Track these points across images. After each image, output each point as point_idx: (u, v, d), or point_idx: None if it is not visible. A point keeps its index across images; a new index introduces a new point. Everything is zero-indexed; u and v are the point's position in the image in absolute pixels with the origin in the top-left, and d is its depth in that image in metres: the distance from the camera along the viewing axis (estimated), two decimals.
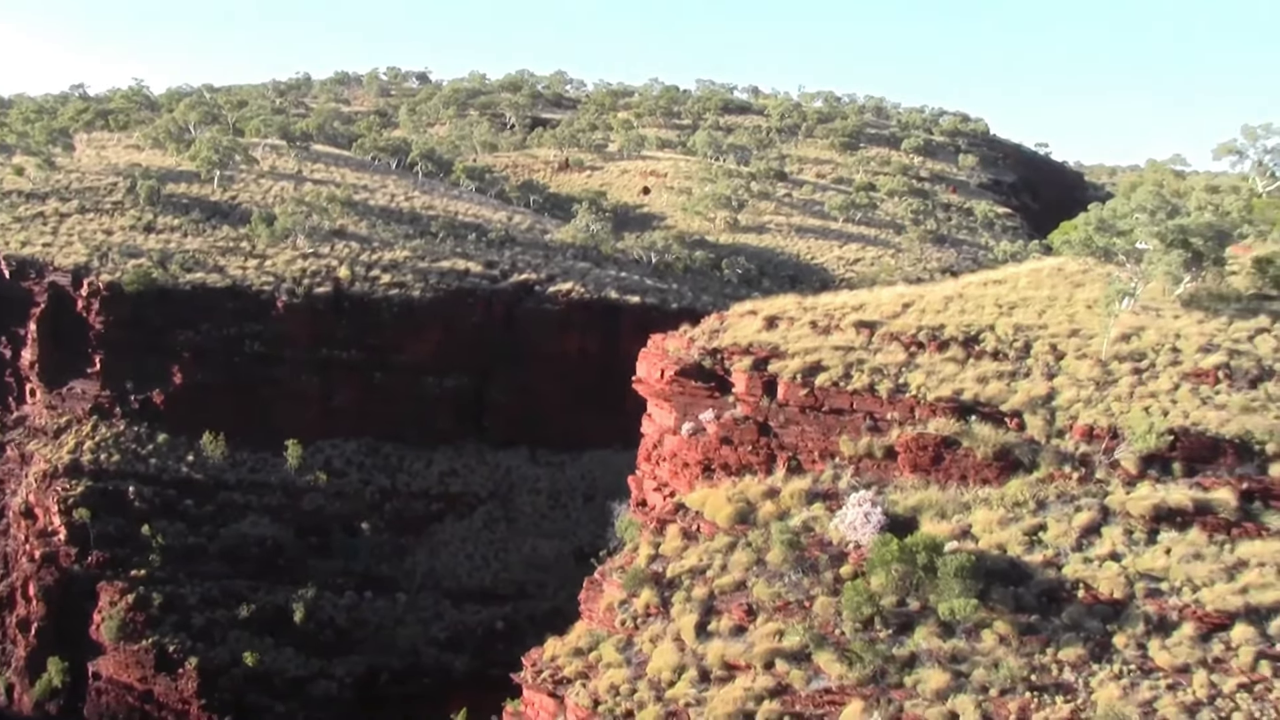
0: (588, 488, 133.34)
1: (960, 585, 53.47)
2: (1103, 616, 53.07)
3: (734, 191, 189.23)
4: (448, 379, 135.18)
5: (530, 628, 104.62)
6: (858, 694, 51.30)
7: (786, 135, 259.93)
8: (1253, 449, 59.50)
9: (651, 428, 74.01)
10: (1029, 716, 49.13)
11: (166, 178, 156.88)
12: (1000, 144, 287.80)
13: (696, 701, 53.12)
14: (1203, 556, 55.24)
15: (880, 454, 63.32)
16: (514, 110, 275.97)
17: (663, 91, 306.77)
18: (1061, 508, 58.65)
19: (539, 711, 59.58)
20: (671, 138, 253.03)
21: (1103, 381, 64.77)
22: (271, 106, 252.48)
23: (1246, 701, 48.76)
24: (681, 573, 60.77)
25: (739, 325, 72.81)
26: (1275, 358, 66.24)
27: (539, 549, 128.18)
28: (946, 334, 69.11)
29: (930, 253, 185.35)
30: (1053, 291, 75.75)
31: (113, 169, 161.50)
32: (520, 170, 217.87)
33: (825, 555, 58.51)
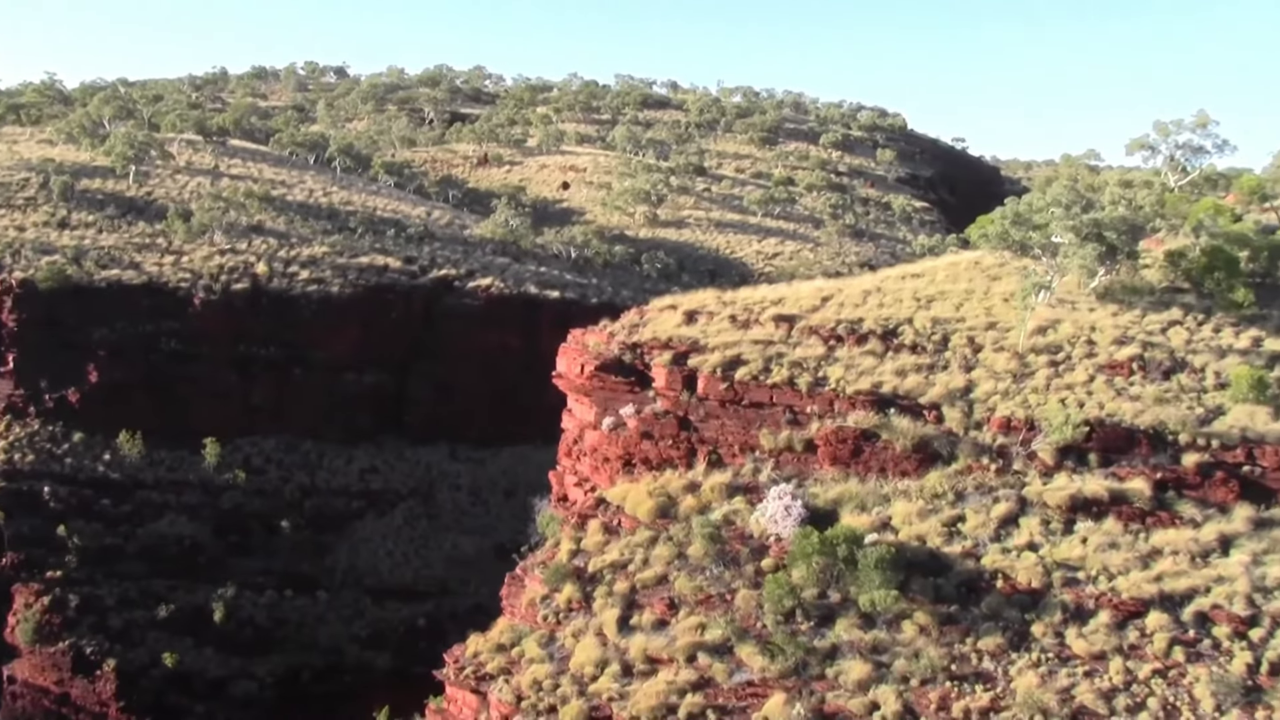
0: (509, 483, 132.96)
1: (880, 577, 53.84)
2: (1021, 606, 53.62)
3: (653, 186, 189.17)
4: (367, 375, 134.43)
5: (452, 624, 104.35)
6: (780, 686, 51.54)
7: (705, 130, 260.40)
8: (1166, 439, 60.37)
9: (572, 423, 73.99)
10: (949, 706, 49.55)
11: (81, 173, 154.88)
12: (918, 139, 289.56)
13: (620, 696, 53.19)
14: (1118, 545, 55.96)
15: (800, 447, 63.61)
16: (432, 105, 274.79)
17: (582, 87, 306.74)
18: (980, 499, 59.20)
19: (462, 708, 59.43)
20: (591, 133, 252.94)
21: (1020, 374, 65.42)
22: (187, 101, 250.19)
23: (1161, 687, 49.50)
24: (603, 567, 60.82)
25: (658, 320, 72.92)
26: (1188, 349, 67.17)
27: (460, 545, 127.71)
28: (865, 327, 69.54)
29: (849, 247, 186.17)
30: (970, 285, 76.37)
31: (25, 164, 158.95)
32: (439, 165, 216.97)
33: (746, 549, 58.75)
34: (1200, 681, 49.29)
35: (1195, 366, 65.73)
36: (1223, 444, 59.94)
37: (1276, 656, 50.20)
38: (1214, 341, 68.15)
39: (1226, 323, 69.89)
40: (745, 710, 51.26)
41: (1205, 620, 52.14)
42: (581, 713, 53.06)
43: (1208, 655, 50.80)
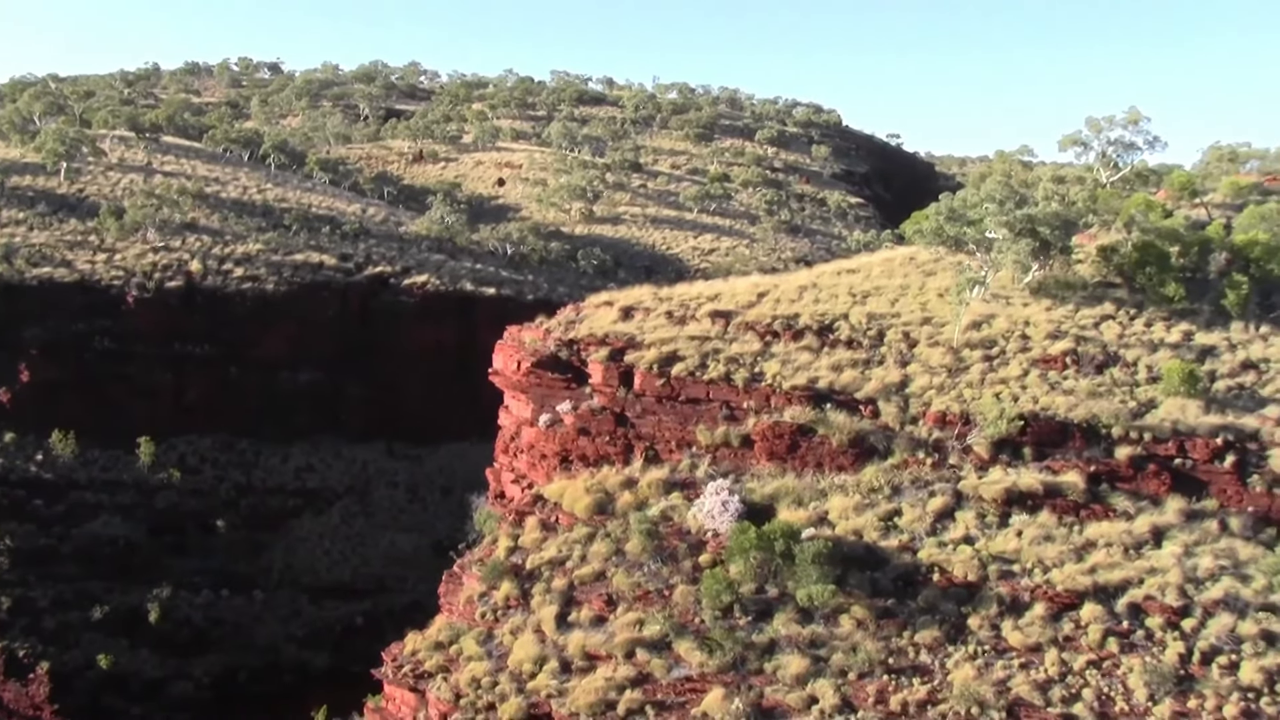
0: (446, 481, 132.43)
1: (818, 571, 54.02)
2: (957, 599, 53.98)
3: (589, 183, 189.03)
4: (303, 373, 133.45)
5: (390, 623, 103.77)
6: (718, 681, 51.64)
7: (641, 126, 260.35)
8: (1100, 432, 60.96)
9: (508, 420, 73.88)
10: (887, 699, 49.79)
11: (10, 170, 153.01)
12: (853, 135, 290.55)
13: (558, 693, 53.12)
14: (1053, 538, 56.44)
15: (737, 443, 63.76)
16: (368, 102, 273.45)
17: (517, 83, 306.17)
18: (916, 493, 59.52)
19: (400, 707, 59.20)
20: (526, 129, 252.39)
21: (955, 368, 65.82)
22: (119, 97, 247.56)
23: (1096, 678, 49.97)
24: (541, 564, 60.73)
25: (595, 316, 72.90)
26: (1120, 344, 67.82)
27: (397, 543, 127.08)
28: (801, 323, 69.75)
29: (784, 243, 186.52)
30: (905, 280, 76.77)
31: None
32: (374, 162, 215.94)
33: (684, 544, 58.81)
34: (1134, 672, 49.80)
35: (1127, 360, 66.40)
36: (1155, 437, 60.61)
37: (1208, 646, 50.86)
38: (1146, 336, 68.86)
39: (1158, 317, 70.67)
40: (684, 706, 51.31)
41: (1138, 611, 52.71)
42: (520, 710, 52.98)
43: (1141, 646, 51.35)
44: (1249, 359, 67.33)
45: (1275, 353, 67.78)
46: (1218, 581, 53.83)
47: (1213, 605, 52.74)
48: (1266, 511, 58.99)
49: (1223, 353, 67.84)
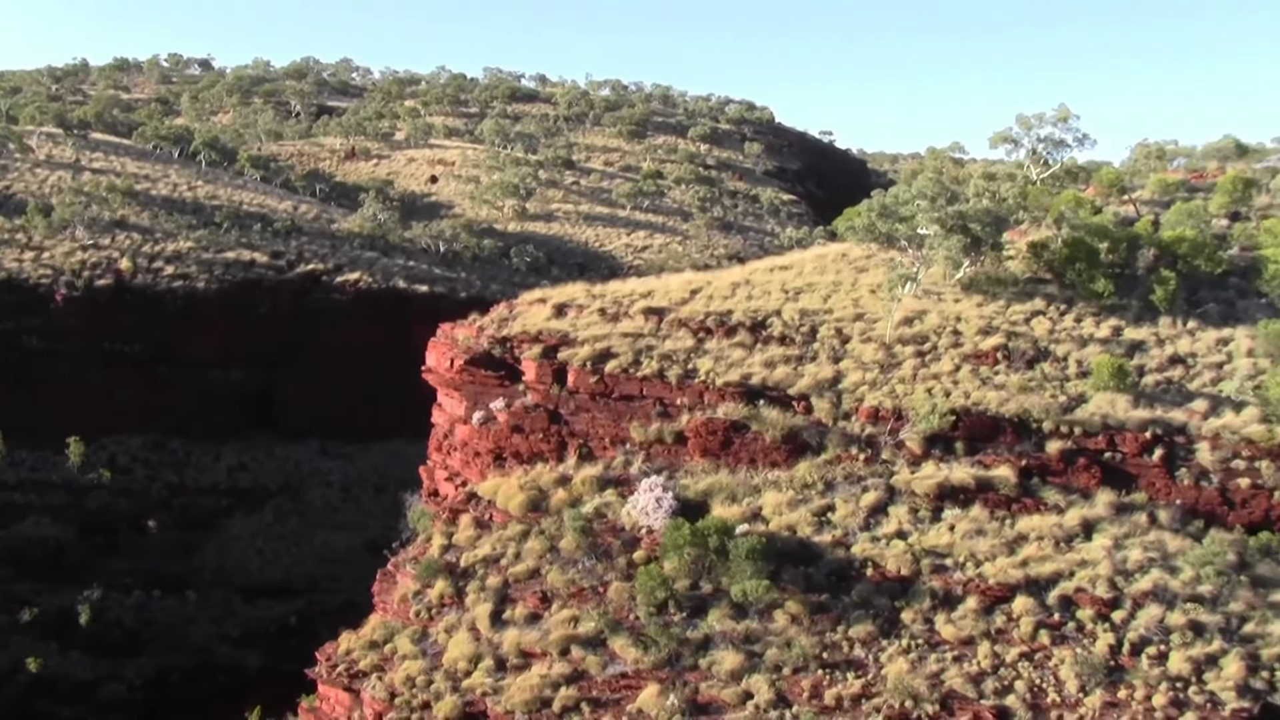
0: (379, 479, 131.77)
1: (752, 567, 54.15)
2: (891, 593, 54.26)
3: (522, 180, 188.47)
4: (235, 372, 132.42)
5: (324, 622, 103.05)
6: (653, 677, 51.69)
7: (574, 123, 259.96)
8: (1031, 427, 61.54)
9: (442, 417, 73.67)
10: (821, 693, 50.01)
11: None
12: (785, 132, 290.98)
13: (494, 690, 53.00)
14: (985, 532, 56.90)
15: (670, 439, 63.85)
16: (299, 98, 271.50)
17: (450, 80, 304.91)
18: (849, 488, 59.81)
19: (335, 706, 58.92)
20: (459, 126, 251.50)
21: (887, 364, 66.17)
22: (47, 93, 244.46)
23: (1028, 670, 50.44)
24: (475, 562, 60.57)
25: (528, 313, 72.81)
26: (1050, 339, 68.42)
27: (331, 542, 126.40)
28: (734, 319, 69.92)
29: (717, 239, 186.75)
30: (837, 277, 77.08)
31: None
32: (306, 159, 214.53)
33: (618, 541, 58.83)
34: (1065, 663, 50.31)
35: (1058, 355, 67.02)
36: (1085, 431, 61.23)
37: (1138, 637, 51.48)
38: (1076, 331, 69.51)
39: (1088, 312, 71.34)
40: (619, 702, 51.33)
41: (1070, 603, 53.24)
42: (455, 708, 52.83)
43: (1072, 637, 51.85)
44: (1177, 354, 68.12)
45: (1202, 347, 68.64)
46: (1147, 573, 54.49)
47: (1142, 597, 53.39)
48: (1194, 504, 59.75)
49: (1151, 348, 68.60)
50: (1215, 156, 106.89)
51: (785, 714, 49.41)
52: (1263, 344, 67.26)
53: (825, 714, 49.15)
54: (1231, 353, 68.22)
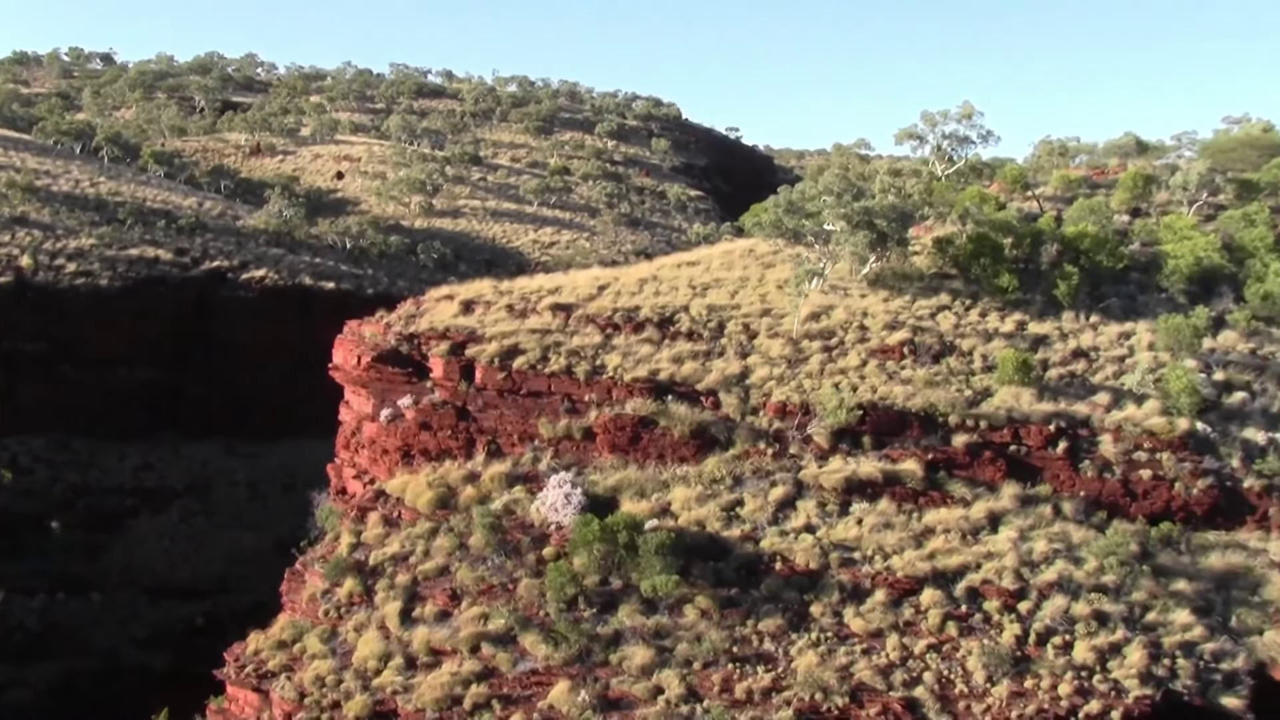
0: (287, 478, 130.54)
1: (661, 562, 54.17)
2: (800, 587, 54.49)
3: (429, 176, 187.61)
4: (139, 370, 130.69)
5: (232, 622, 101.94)
6: (564, 674, 51.58)
7: (481, 119, 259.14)
8: (936, 421, 62.19)
9: (349, 415, 73.19)
10: (732, 687, 50.12)
11: None
12: (692, 128, 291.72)
13: (404, 689, 52.66)
14: (892, 525, 57.33)
15: (579, 435, 63.78)
16: (203, 93, 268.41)
17: (356, 75, 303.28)
18: (757, 483, 60.02)
19: (243, 707, 58.32)
20: (365, 122, 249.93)
21: (794, 359, 66.48)
22: None
23: (936, 661, 50.85)
24: (384, 560, 60.17)
25: (435, 310, 72.45)
26: (956, 334, 69.07)
27: (239, 542, 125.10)
28: (642, 315, 69.96)
29: (625, 235, 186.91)
30: (745, 273, 77.31)
31: None
32: (210, 155, 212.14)
33: (527, 538, 58.67)
34: (972, 654, 50.77)
35: (963, 350, 67.69)
36: (990, 424, 61.93)
37: (1043, 627, 52.12)
38: (981, 326, 70.25)
39: (992, 307, 72.13)
40: (530, 699, 51.19)
41: (976, 595, 53.80)
42: (366, 708, 52.45)
43: (979, 629, 52.37)
44: (1080, 347, 69.09)
45: (1105, 341, 69.65)
46: (1052, 564, 55.22)
47: (1047, 588, 54.05)
48: (1097, 495, 60.65)
49: (1055, 342, 69.50)
50: (1116, 153, 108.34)
51: (696, 708, 49.47)
52: (1163, 338, 68.31)
53: (736, 708, 49.26)
54: (1133, 346, 69.29)
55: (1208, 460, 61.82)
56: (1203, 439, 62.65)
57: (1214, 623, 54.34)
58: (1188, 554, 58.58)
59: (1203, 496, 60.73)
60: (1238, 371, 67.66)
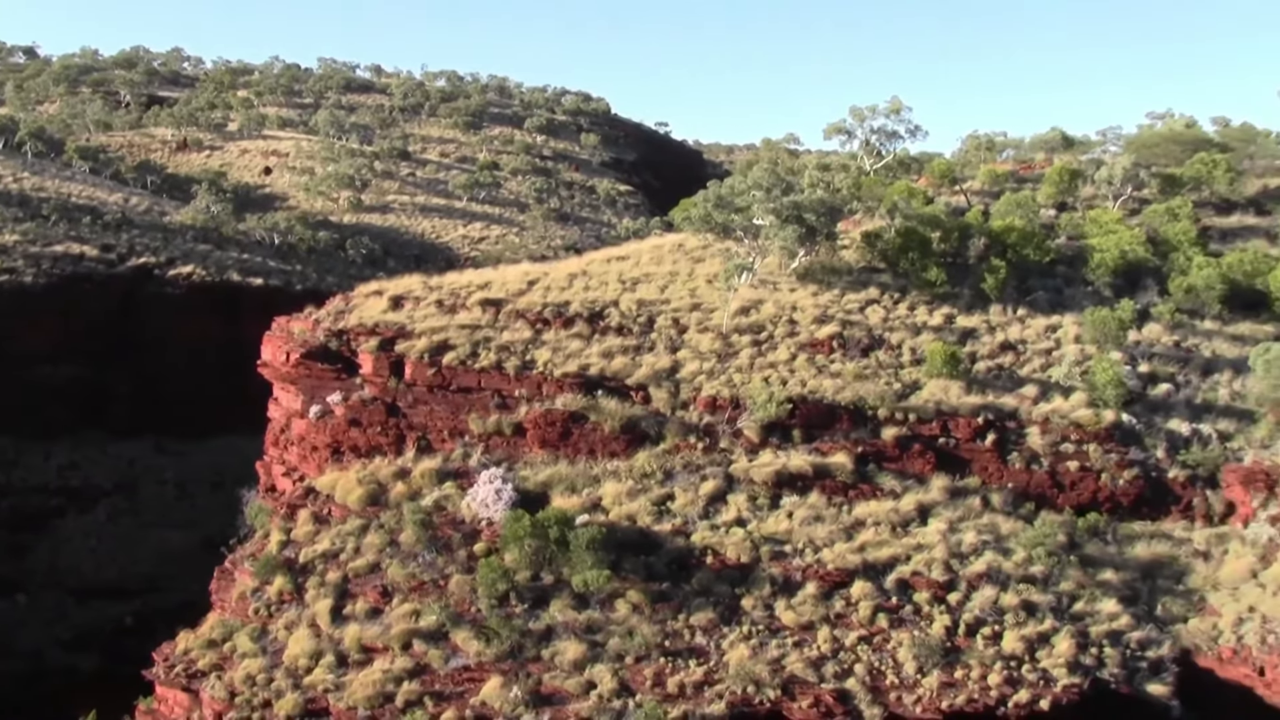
0: (216, 476, 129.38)
1: (592, 557, 54.17)
2: (731, 580, 54.63)
3: (357, 171, 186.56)
4: (64, 368, 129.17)
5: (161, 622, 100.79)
6: (496, 670, 51.46)
7: (410, 115, 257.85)
8: (866, 414, 62.58)
9: (278, 412, 72.70)
10: (664, 681, 50.14)
11: None
12: (621, 123, 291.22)
13: (335, 687, 52.35)
14: (823, 518, 57.62)
15: (509, 431, 63.66)
16: (129, 88, 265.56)
17: (283, 70, 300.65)
18: (688, 477, 60.14)
19: (173, 708, 57.79)
20: (293, 117, 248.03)
21: (724, 353, 66.68)
22: None
23: (867, 653, 51.12)
24: (314, 557, 59.79)
25: (364, 306, 72.10)
26: (885, 327, 69.52)
27: (168, 540, 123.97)
28: (572, 310, 69.93)
29: (554, 230, 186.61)
30: (674, 267, 77.44)
31: None
32: (136, 150, 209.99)
33: (458, 534, 58.49)
34: (903, 645, 51.09)
35: (892, 343, 68.14)
36: (919, 417, 62.42)
37: (973, 618, 52.54)
38: (909, 319, 70.71)
39: (921, 301, 72.67)
40: (462, 695, 51.04)
41: (907, 587, 54.16)
42: (297, 706, 52.10)
43: (909, 620, 52.71)
44: (1007, 340, 69.78)
45: (1032, 334, 70.33)
46: (981, 556, 55.71)
47: (976, 579, 54.53)
48: (1025, 487, 61.25)
49: (982, 335, 70.12)
50: (1042, 148, 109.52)
51: (628, 703, 49.46)
52: (1089, 330, 69.05)
53: (668, 702, 49.29)
54: (1060, 339, 70.04)
55: (1133, 451, 62.63)
56: (1128, 430, 63.44)
57: (1140, 611, 55.03)
58: (1114, 544, 59.28)
59: (1128, 487, 61.48)
60: (1162, 363, 68.55)
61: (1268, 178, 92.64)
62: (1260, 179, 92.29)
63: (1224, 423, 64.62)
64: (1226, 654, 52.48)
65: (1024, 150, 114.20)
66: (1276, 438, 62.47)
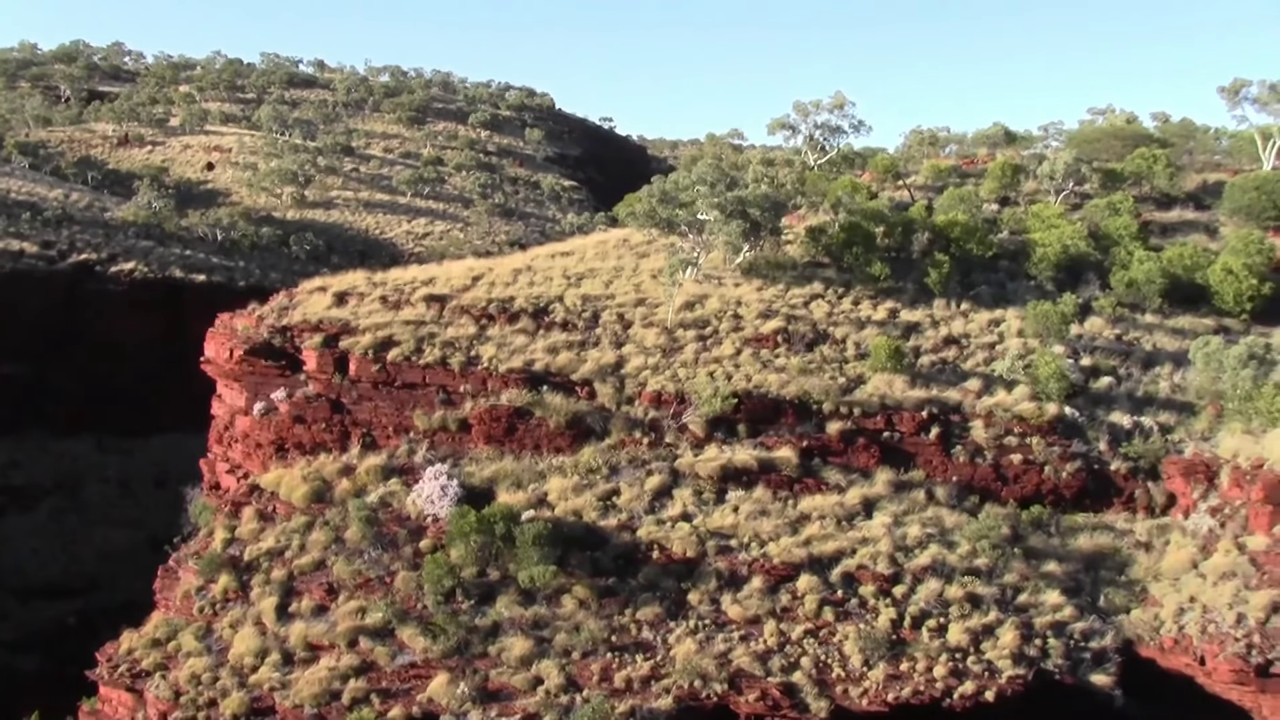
0: (159, 474, 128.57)
1: (538, 553, 54.15)
2: (677, 575, 54.74)
3: (300, 167, 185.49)
4: (5, 365, 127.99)
5: (105, 622, 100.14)
6: (443, 666, 51.40)
7: (353, 110, 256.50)
8: (811, 408, 62.83)
9: (222, 409, 72.25)
10: (611, 676, 50.21)
11: None
12: (566, 118, 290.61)
13: (281, 685, 52.14)
14: (768, 512, 57.78)
15: (455, 427, 63.54)
16: (69, 83, 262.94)
17: (226, 65, 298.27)
18: (634, 472, 60.19)
19: (117, 708, 57.38)
20: (236, 112, 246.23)
21: (669, 349, 66.76)
22: None
23: (813, 646, 51.34)
24: (259, 555, 59.51)
25: (309, 302, 71.77)
26: (829, 322, 69.76)
27: (111, 539, 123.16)
28: (516, 306, 69.85)
29: (498, 226, 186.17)
30: (619, 262, 77.50)
31: None
32: (77, 146, 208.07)
33: (404, 530, 58.32)
34: (849, 639, 51.34)
35: (836, 338, 68.46)
36: (864, 411, 62.72)
37: (918, 611, 52.84)
38: (853, 314, 71.06)
39: (865, 295, 73.01)
40: (409, 692, 50.94)
41: (852, 580, 54.42)
42: (243, 705, 51.84)
43: (855, 613, 52.95)
44: (951, 334, 70.20)
45: (975, 328, 70.75)
46: (925, 549, 56.05)
47: (921, 571, 54.85)
48: (969, 480, 61.68)
49: (926, 329, 70.52)
50: (985, 143, 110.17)
51: (575, 698, 49.51)
52: (1032, 324, 69.53)
53: (615, 697, 49.35)
54: (1003, 333, 70.50)
55: (1076, 444, 63.13)
56: (1071, 423, 63.90)
57: (1083, 603, 55.51)
58: (1057, 536, 59.77)
59: (1071, 480, 62.00)
60: (1104, 357, 69.07)
61: (1206, 173, 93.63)
62: (1199, 174, 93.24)
63: (1165, 415, 65.26)
64: (1168, 644, 52.97)
65: (967, 145, 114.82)
66: (1216, 430, 63.07)
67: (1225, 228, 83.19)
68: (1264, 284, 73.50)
